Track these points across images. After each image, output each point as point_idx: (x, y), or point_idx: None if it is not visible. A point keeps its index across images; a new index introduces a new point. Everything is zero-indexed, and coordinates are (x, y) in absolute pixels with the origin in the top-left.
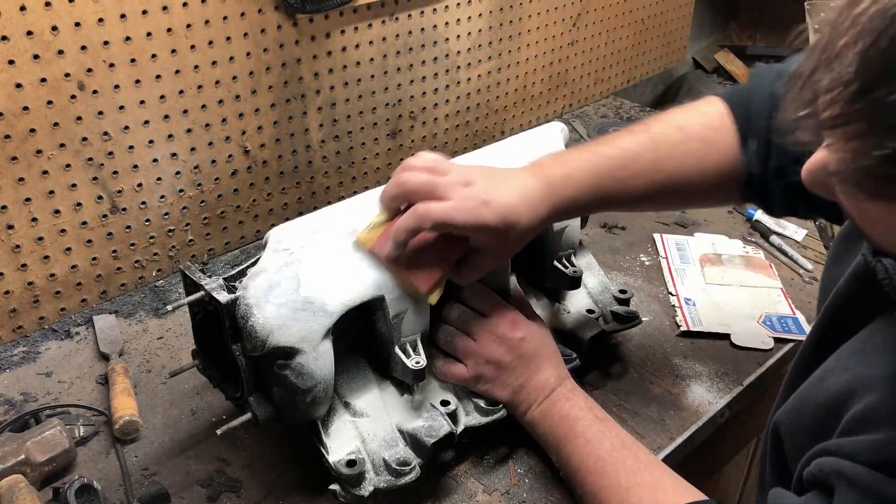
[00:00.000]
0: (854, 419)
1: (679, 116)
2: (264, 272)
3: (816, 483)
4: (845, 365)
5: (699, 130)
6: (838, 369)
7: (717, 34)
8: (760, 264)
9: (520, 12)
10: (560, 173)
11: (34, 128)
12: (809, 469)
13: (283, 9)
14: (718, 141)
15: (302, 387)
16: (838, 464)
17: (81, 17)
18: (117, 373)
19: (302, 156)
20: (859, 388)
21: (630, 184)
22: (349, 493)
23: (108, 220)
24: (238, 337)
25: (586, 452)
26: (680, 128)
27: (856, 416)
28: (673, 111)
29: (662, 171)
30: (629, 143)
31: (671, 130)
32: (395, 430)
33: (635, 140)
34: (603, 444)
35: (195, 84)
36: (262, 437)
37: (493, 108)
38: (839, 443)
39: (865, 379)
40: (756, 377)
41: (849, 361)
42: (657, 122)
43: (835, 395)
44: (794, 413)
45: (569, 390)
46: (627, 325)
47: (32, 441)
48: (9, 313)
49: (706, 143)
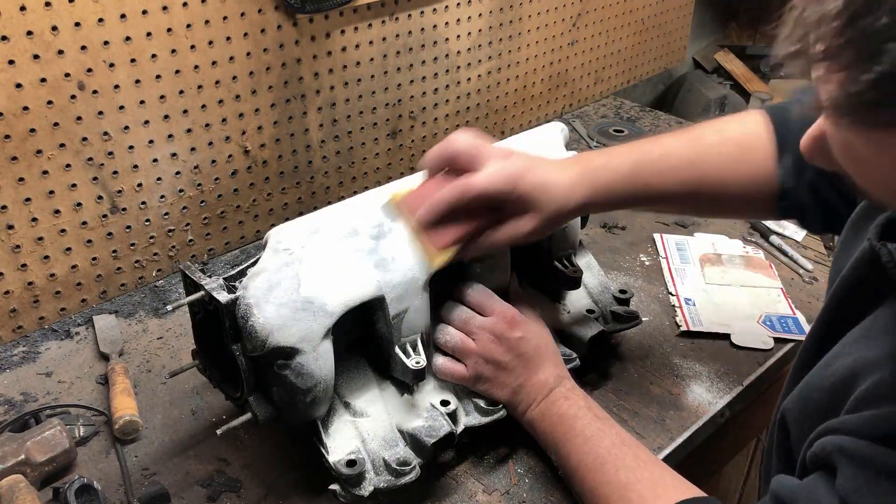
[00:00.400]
0: (857, 399)
1: (721, 123)
2: (264, 272)
3: (820, 463)
4: (850, 350)
5: (738, 137)
6: (843, 355)
7: (717, 34)
8: (760, 264)
9: (520, 12)
10: (598, 162)
11: (34, 128)
12: (812, 450)
13: (283, 9)
14: (755, 150)
15: (302, 387)
16: (840, 440)
17: (81, 17)
18: (117, 373)
19: (302, 156)
20: (863, 371)
21: (665, 178)
22: (349, 493)
23: (108, 220)
24: (238, 337)
25: (585, 450)
26: (719, 131)
27: (859, 397)
28: (716, 119)
29: (697, 168)
30: (668, 140)
31: (711, 133)
32: (395, 430)
33: (675, 137)
34: (602, 441)
35: (195, 84)
36: (262, 436)
37: (493, 108)
38: (842, 419)
39: (869, 361)
40: (756, 377)
41: (853, 347)
42: (699, 125)
43: (840, 379)
44: (800, 401)
45: (568, 389)
46: (627, 325)
47: (32, 441)
48: (9, 313)
49: (742, 150)
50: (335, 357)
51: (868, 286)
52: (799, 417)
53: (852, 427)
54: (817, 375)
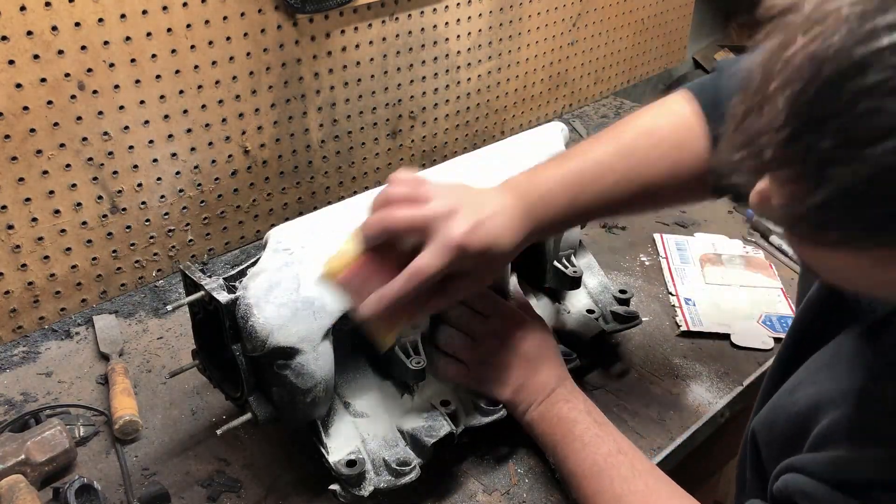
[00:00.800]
0: (819, 434)
1: (648, 119)
2: (264, 272)
3: (783, 501)
4: (813, 378)
5: (669, 133)
6: (807, 382)
7: (717, 34)
8: (760, 264)
9: (520, 12)
10: (535, 194)
11: (34, 128)
12: (777, 485)
13: (283, 9)
14: (689, 141)
15: (302, 387)
16: (802, 482)
17: (81, 17)
18: (117, 373)
19: (302, 156)
20: (824, 404)
21: (605, 196)
22: (349, 493)
23: (108, 220)
24: (238, 337)
25: (582, 456)
26: (650, 132)
27: (821, 433)
28: (641, 112)
29: (636, 180)
30: (600, 155)
31: (642, 136)
32: (395, 430)
33: (606, 150)
34: (599, 448)
35: (195, 84)
36: (261, 436)
37: (493, 108)
38: (803, 459)
39: (831, 394)
40: (756, 377)
41: (817, 375)
42: (627, 127)
43: (804, 409)
44: (768, 423)
45: (568, 392)
46: (627, 325)
47: (32, 441)
48: (9, 313)
49: (678, 147)
50: (335, 357)
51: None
52: (767, 440)
53: (813, 469)
54: (783, 399)
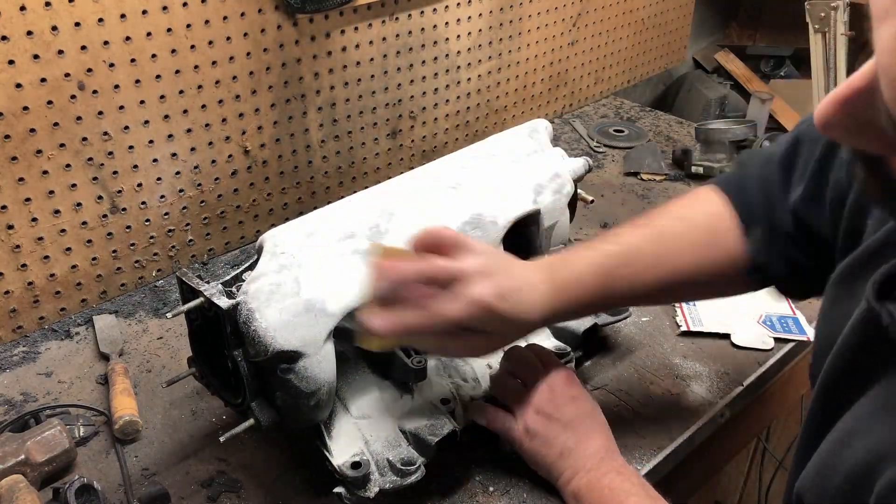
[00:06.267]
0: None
1: (680, 208)
2: (264, 276)
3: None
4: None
5: (702, 220)
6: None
7: (717, 34)
8: None
9: (520, 12)
10: (567, 276)
11: (34, 128)
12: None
13: (283, 9)
14: (721, 231)
15: (306, 390)
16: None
17: (81, 17)
18: (117, 373)
19: (302, 156)
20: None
21: (635, 280)
22: (355, 495)
23: (108, 220)
24: (240, 342)
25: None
26: (682, 218)
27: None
28: (673, 203)
29: (667, 265)
30: (632, 238)
31: (674, 222)
32: (397, 430)
33: (638, 234)
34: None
35: (195, 84)
36: (261, 437)
37: (493, 108)
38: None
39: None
40: (756, 377)
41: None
42: (659, 214)
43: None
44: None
45: (620, 465)
46: (619, 317)
47: (32, 441)
48: (9, 313)
49: (710, 234)
50: (338, 360)
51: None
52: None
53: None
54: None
